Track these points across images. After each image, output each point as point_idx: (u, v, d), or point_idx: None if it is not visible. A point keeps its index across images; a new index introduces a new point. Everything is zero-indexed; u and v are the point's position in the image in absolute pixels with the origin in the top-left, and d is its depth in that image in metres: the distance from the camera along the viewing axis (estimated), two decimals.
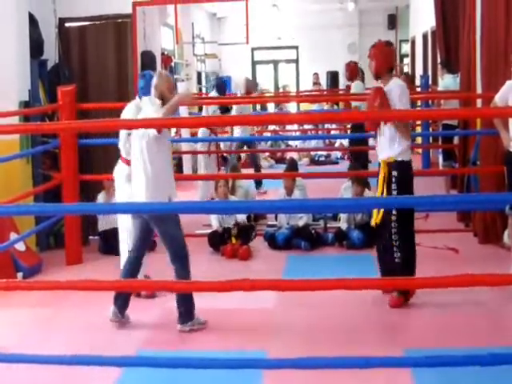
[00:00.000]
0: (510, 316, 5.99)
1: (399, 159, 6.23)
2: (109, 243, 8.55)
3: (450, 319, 5.96)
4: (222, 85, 12.44)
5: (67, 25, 9.27)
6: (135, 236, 6.04)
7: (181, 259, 5.82)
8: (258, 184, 12.32)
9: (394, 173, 6.22)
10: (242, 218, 8.69)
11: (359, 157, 11.70)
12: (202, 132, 11.75)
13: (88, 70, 9.21)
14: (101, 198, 8.73)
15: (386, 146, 6.27)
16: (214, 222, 8.66)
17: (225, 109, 11.68)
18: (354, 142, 12.23)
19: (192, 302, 5.84)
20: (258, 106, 18.98)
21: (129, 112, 6.50)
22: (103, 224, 8.68)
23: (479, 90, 8.56)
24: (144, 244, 6.07)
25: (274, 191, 10.28)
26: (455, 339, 5.49)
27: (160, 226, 5.80)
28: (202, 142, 11.81)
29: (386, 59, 6.35)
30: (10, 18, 8.21)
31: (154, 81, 5.97)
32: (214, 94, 12.27)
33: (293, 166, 10.12)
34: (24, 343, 5.71)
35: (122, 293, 5.87)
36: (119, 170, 6.89)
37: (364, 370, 4.30)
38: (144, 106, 6.03)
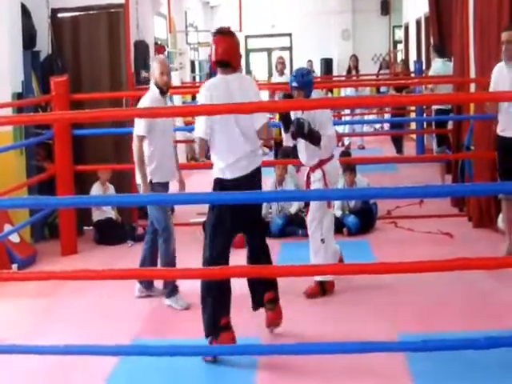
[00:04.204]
0: (504, 299, 6.01)
1: (216, 176, 5.19)
2: (103, 233, 8.58)
3: (444, 303, 5.99)
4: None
5: (60, 15, 9.22)
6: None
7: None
8: None
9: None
10: None
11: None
12: None
13: (81, 61, 9.18)
14: (95, 188, 8.72)
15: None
16: None
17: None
18: None
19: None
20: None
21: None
22: (98, 214, 8.69)
23: (473, 75, 8.57)
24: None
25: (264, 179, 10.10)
26: (449, 323, 5.52)
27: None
28: None
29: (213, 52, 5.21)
30: (2, 9, 8.18)
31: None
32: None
33: (285, 154, 10.02)
34: (19, 334, 5.69)
35: None
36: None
37: (358, 355, 4.32)
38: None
